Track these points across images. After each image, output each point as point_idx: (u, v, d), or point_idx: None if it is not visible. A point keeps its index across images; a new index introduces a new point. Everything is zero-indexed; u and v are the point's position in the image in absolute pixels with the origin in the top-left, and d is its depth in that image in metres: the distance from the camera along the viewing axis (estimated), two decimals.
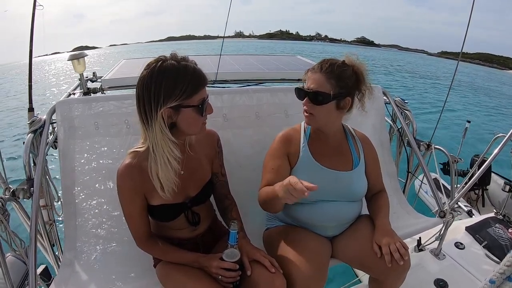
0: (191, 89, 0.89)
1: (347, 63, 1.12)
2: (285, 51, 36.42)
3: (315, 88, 1.09)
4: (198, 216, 1.08)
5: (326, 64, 1.10)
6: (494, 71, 53.79)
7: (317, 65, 1.12)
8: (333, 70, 1.09)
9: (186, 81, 0.88)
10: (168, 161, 0.93)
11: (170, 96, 0.87)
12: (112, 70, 2.45)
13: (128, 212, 1.01)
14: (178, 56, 0.93)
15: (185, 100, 0.89)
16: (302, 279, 0.96)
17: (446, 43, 47.84)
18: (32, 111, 1.50)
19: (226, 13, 1.95)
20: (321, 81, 1.09)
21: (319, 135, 1.20)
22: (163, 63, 0.88)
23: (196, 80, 0.91)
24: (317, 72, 1.10)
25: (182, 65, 0.90)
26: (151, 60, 0.91)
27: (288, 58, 3.11)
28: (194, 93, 0.90)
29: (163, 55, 0.93)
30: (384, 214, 1.17)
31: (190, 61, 0.93)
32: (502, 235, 1.81)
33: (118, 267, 1.27)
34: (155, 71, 0.87)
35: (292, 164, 1.18)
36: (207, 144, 1.12)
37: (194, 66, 0.93)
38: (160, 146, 0.91)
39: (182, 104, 0.89)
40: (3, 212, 1.04)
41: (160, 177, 0.94)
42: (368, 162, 1.22)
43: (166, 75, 0.87)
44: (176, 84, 0.87)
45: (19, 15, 55.19)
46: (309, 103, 1.11)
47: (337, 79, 1.08)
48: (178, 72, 0.88)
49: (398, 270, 1.07)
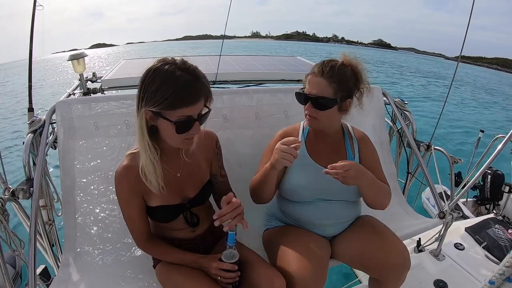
0: (171, 102, 0.83)
1: (345, 63, 1.11)
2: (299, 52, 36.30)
3: (317, 93, 1.08)
4: (197, 217, 1.08)
5: (327, 68, 1.08)
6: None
7: (317, 68, 1.10)
8: (334, 74, 1.07)
9: (170, 90, 0.83)
10: (151, 162, 0.91)
11: (151, 99, 0.84)
12: (112, 70, 2.46)
13: (127, 213, 1.01)
14: (186, 64, 0.87)
15: (164, 110, 0.84)
16: (302, 279, 0.96)
17: (465, 47, 48.29)
18: (32, 111, 1.50)
19: (243, 14, 1.98)
20: (323, 85, 1.08)
21: (317, 134, 1.20)
22: (163, 65, 0.86)
23: (181, 95, 0.84)
24: (319, 76, 1.09)
25: (177, 74, 0.84)
26: (160, 58, 0.89)
27: (288, 59, 3.11)
28: (176, 107, 0.84)
29: (172, 58, 0.88)
30: (377, 180, 1.11)
31: (192, 73, 0.86)
32: (501, 236, 1.81)
33: (118, 267, 1.26)
34: (151, 70, 0.86)
35: None
36: (205, 145, 1.11)
37: (191, 79, 0.85)
38: (141, 145, 0.90)
39: (160, 113, 0.85)
40: (2, 212, 1.04)
41: (145, 174, 0.93)
42: (364, 159, 1.20)
43: (156, 78, 0.84)
44: (158, 89, 0.83)
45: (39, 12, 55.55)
46: (312, 107, 1.10)
47: (338, 83, 1.08)
48: (167, 79, 0.84)
49: (397, 270, 1.07)
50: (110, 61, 7.51)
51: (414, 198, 2.02)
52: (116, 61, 6.35)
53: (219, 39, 2.01)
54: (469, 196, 3.11)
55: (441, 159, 1.67)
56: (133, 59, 3.20)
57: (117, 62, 2.86)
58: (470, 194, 3.01)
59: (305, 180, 1.15)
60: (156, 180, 0.94)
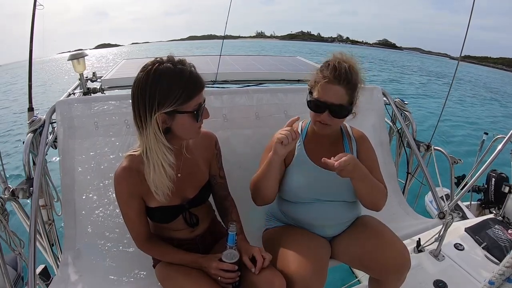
0: (187, 94, 0.86)
1: (344, 62, 1.07)
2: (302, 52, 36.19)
3: (338, 101, 1.04)
4: (196, 218, 1.08)
5: (343, 74, 1.03)
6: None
7: (331, 75, 1.04)
8: (349, 80, 1.04)
9: (181, 86, 0.85)
10: (162, 167, 0.91)
11: (164, 101, 0.84)
12: (112, 70, 2.45)
13: (126, 214, 1.01)
14: (176, 58, 0.89)
15: (180, 105, 0.86)
16: (302, 279, 0.96)
17: (470, 47, 47.59)
18: (32, 110, 1.50)
19: (248, 13, 2.05)
20: (342, 93, 1.04)
21: (316, 135, 1.19)
22: (159, 66, 0.85)
23: (192, 85, 0.88)
24: (336, 84, 1.04)
25: (178, 68, 0.86)
26: (147, 62, 0.87)
27: (288, 59, 3.11)
28: (189, 99, 0.87)
29: (160, 57, 0.89)
30: (371, 176, 1.09)
31: (188, 64, 0.89)
32: (501, 236, 1.81)
33: (118, 267, 1.27)
34: (151, 74, 0.84)
35: (287, 162, 1.18)
36: (204, 146, 1.11)
37: (191, 69, 0.89)
38: (154, 152, 0.89)
39: (177, 109, 0.87)
40: (2, 211, 1.04)
41: (152, 181, 0.93)
42: (361, 158, 1.18)
43: (161, 79, 0.84)
44: (170, 89, 0.84)
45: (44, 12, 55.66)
46: (329, 116, 1.07)
47: (353, 89, 1.06)
48: (174, 76, 0.85)
49: (398, 270, 1.07)
50: (118, 61, 7.62)
51: (414, 198, 2.02)
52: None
53: (224, 39, 2.00)
54: (473, 199, 3.09)
55: (441, 159, 1.67)
56: (133, 58, 3.21)
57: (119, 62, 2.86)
58: (475, 197, 2.98)
59: (304, 181, 1.15)
60: (167, 187, 0.95)
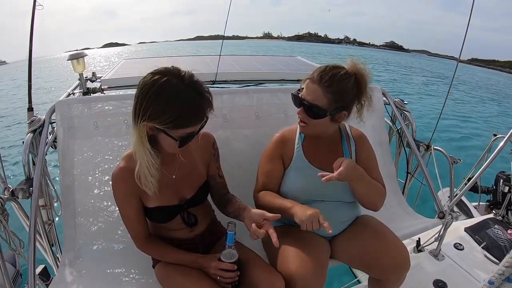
0: (179, 122, 0.84)
1: (350, 72, 1.06)
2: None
3: (311, 100, 1.04)
4: (194, 217, 1.08)
5: (327, 76, 1.02)
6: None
7: (317, 74, 1.04)
8: (332, 83, 1.02)
9: (177, 112, 0.83)
10: (146, 167, 0.91)
11: (156, 117, 0.83)
12: (112, 70, 2.45)
13: (125, 214, 1.01)
14: (192, 78, 0.86)
15: (168, 129, 0.85)
16: (302, 279, 0.96)
17: (478, 50, 47.09)
18: (32, 110, 1.50)
19: (256, 14, 2.00)
20: (318, 94, 1.03)
21: (314, 137, 1.19)
22: (168, 79, 0.82)
23: (189, 115, 0.85)
24: (315, 83, 1.03)
25: (185, 92, 0.83)
26: (161, 68, 0.85)
27: (288, 59, 3.11)
28: (179, 127, 0.85)
29: (178, 68, 0.86)
30: (368, 177, 1.10)
31: (201, 90, 0.86)
32: (501, 236, 1.81)
33: (117, 267, 1.26)
34: (156, 84, 0.82)
35: (286, 165, 1.19)
36: (202, 146, 1.10)
37: (197, 98, 0.85)
38: (138, 151, 0.89)
39: (165, 131, 0.85)
40: (2, 211, 1.05)
41: (136, 175, 0.93)
42: (360, 158, 1.19)
43: (162, 95, 0.82)
44: (165, 110, 0.82)
45: (49, 12, 54.95)
46: (304, 113, 1.08)
47: (334, 93, 1.03)
48: (175, 98, 0.82)
49: (397, 270, 1.07)
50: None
51: (414, 198, 2.02)
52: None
53: (231, 39, 2.00)
54: (482, 200, 3.09)
55: (441, 159, 1.67)
56: (133, 58, 3.20)
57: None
58: (483, 198, 2.98)
59: (302, 182, 1.15)
60: (151, 183, 0.94)
